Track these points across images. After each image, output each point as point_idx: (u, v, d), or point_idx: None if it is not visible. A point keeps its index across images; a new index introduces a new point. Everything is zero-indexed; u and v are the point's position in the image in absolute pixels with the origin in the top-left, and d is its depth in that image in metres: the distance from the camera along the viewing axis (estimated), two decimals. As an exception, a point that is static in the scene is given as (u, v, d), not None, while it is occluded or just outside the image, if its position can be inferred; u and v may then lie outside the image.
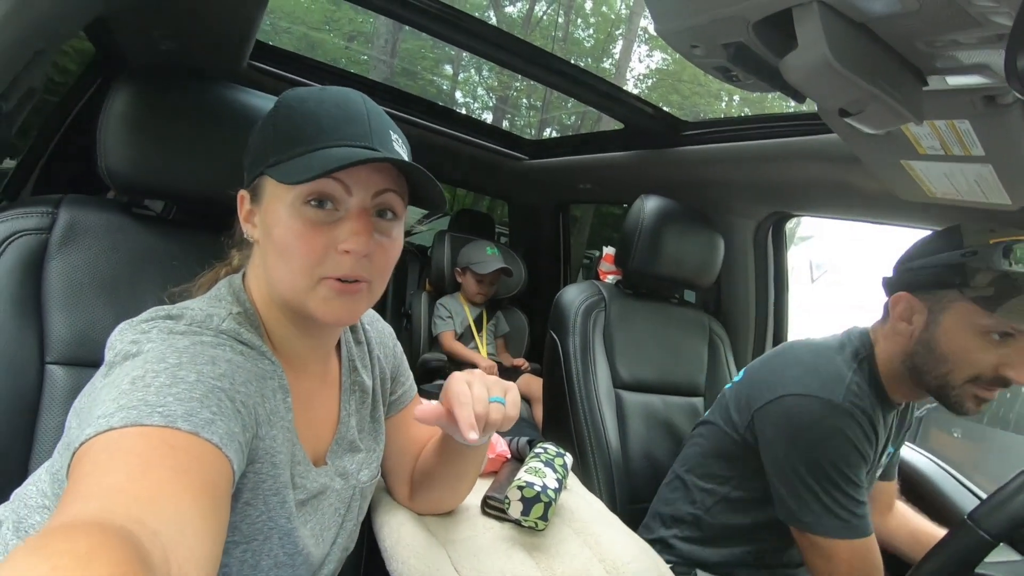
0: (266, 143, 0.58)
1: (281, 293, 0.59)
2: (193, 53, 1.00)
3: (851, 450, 0.87)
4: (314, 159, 0.54)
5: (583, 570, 0.76)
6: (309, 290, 0.57)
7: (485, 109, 10.04)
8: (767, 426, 0.95)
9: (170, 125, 0.82)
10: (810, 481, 0.88)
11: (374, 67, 8.25)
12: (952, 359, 0.86)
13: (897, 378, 0.94)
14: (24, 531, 0.54)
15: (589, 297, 1.32)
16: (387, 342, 0.81)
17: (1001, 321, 0.81)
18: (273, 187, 0.58)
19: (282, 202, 0.56)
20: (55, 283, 0.76)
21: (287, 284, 0.57)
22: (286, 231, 0.56)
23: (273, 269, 0.58)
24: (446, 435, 0.73)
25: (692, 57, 0.68)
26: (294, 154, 0.55)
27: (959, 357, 0.86)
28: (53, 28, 0.72)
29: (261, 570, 0.56)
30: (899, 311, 0.91)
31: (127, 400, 0.44)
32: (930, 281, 0.87)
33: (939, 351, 0.87)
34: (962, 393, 0.87)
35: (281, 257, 0.57)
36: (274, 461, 0.55)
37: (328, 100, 0.58)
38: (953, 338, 0.86)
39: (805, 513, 0.89)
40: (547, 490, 0.82)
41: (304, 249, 0.55)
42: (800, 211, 1.53)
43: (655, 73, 10.25)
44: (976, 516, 0.70)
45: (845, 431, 0.87)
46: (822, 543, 0.88)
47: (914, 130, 0.75)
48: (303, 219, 0.56)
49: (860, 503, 0.88)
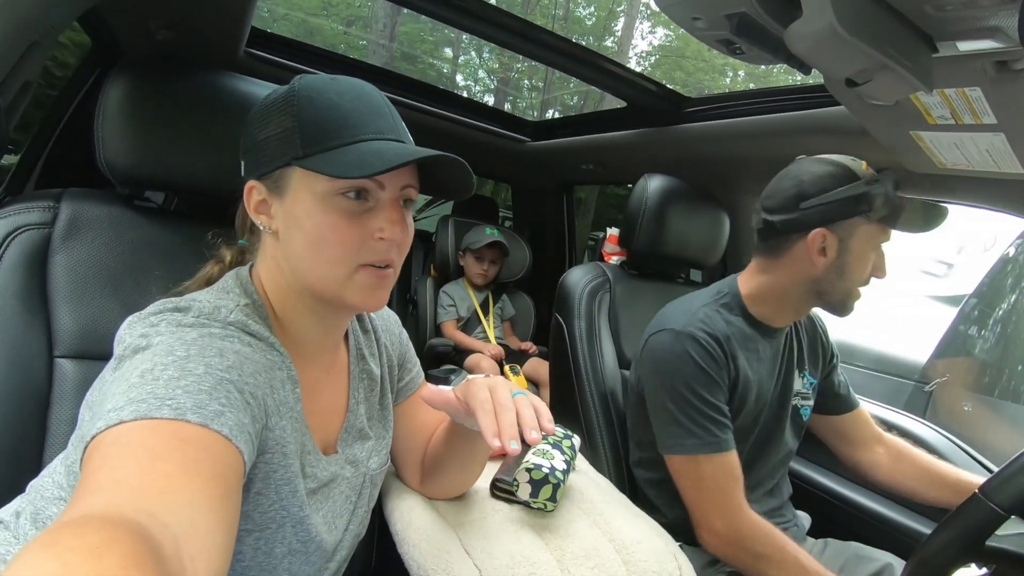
0: (288, 133, 0.57)
1: (311, 283, 0.59)
2: (189, 42, 0.99)
3: (699, 371, 0.97)
4: (360, 153, 0.55)
5: (592, 550, 0.77)
6: (347, 279, 0.58)
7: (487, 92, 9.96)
8: (641, 370, 1.06)
9: (168, 116, 0.81)
10: (671, 406, 0.97)
11: (373, 52, 8.18)
12: (856, 276, 0.98)
13: (778, 306, 1.04)
14: (42, 522, 0.55)
15: (594, 279, 1.31)
16: (393, 329, 0.82)
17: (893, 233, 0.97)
18: (302, 179, 0.57)
19: (312, 193, 0.56)
20: (60, 277, 0.76)
21: (319, 274, 0.58)
22: (320, 223, 0.56)
23: (301, 259, 0.58)
24: (455, 421, 0.73)
25: (694, 30, 0.66)
26: (328, 146, 0.55)
27: (860, 272, 0.98)
28: (46, 19, 0.71)
29: (275, 557, 0.56)
30: (817, 246, 0.97)
31: (136, 393, 0.44)
32: (841, 213, 0.95)
33: (848, 271, 0.97)
34: (854, 300, 0.99)
35: (314, 248, 0.57)
36: (284, 451, 0.55)
37: (347, 92, 0.59)
38: (859, 257, 0.97)
39: (668, 436, 0.98)
40: (555, 471, 0.83)
41: (340, 239, 0.56)
42: (807, 186, 1.51)
43: (658, 50, 10.11)
44: (987, 489, 0.70)
45: (691, 353, 0.97)
46: (687, 464, 0.96)
47: (924, 99, 0.73)
48: (338, 210, 0.56)
49: (718, 422, 0.96)
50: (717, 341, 0.98)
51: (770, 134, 1.29)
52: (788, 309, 1.04)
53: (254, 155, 0.60)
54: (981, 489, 0.70)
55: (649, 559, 0.78)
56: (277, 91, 0.60)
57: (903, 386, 3.00)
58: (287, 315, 0.62)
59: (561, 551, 0.76)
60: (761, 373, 1.04)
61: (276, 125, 0.58)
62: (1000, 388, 3.11)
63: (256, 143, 0.60)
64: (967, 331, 3.09)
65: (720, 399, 0.97)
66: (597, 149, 1.89)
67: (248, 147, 0.61)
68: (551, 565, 0.73)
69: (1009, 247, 3.13)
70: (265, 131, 0.59)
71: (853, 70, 0.58)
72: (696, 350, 0.97)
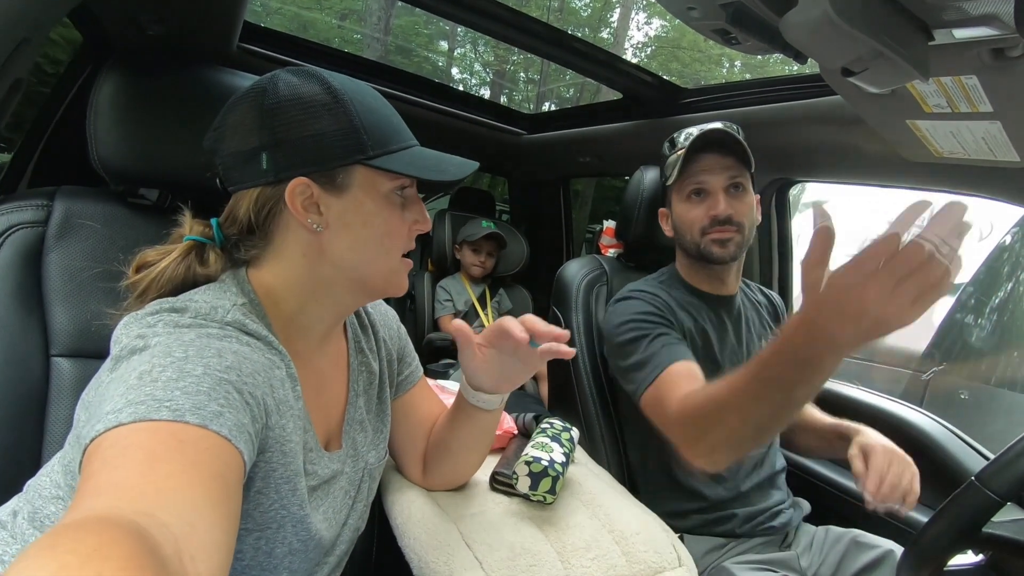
0: (348, 133, 0.58)
1: (365, 275, 0.63)
2: (181, 37, 0.98)
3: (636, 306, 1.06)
4: (421, 157, 0.62)
5: (592, 541, 0.77)
6: (397, 268, 0.65)
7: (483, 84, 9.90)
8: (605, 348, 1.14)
9: (161, 112, 0.81)
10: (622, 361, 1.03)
11: (368, 46, 8.12)
12: (683, 227, 1.10)
13: (696, 272, 1.14)
14: (40, 522, 0.55)
15: (591, 272, 1.31)
16: (391, 324, 0.82)
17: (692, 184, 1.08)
18: (367, 177, 0.60)
19: (376, 192, 0.61)
20: (55, 276, 0.76)
21: (377, 266, 0.63)
22: (388, 219, 0.62)
23: (360, 253, 0.62)
24: (460, 402, 0.77)
25: (690, 20, 0.66)
26: (390, 149, 0.60)
27: (686, 224, 1.09)
28: (35, 15, 0.70)
29: (275, 557, 0.57)
30: None
31: (135, 395, 0.44)
32: None
33: (682, 228, 1.10)
34: (706, 244, 1.07)
35: (378, 242, 0.62)
36: (284, 450, 0.55)
37: (376, 96, 0.63)
38: (679, 214, 1.11)
39: (631, 382, 1.00)
40: (554, 464, 0.83)
41: (398, 232, 0.63)
42: (804, 177, 1.51)
43: (654, 41, 10.06)
44: (983, 476, 0.70)
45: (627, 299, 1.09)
46: (651, 394, 0.96)
47: (920, 88, 0.73)
48: (394, 207, 0.62)
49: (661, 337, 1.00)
50: (653, 295, 1.08)
51: (766, 124, 1.28)
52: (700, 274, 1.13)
53: (291, 151, 0.57)
54: (978, 476, 0.71)
55: (648, 549, 0.79)
56: (296, 84, 0.58)
57: (900, 375, 3.01)
58: (298, 310, 0.63)
59: (561, 543, 0.76)
60: (720, 338, 1.10)
61: (328, 123, 0.57)
62: (996, 376, 3.13)
63: (294, 139, 0.57)
64: (964, 320, 3.10)
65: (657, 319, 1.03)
66: (593, 141, 1.89)
67: (275, 141, 0.57)
68: (551, 557, 0.73)
69: (1005, 235, 3.14)
70: (310, 127, 0.57)
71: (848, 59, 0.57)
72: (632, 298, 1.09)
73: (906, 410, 1.31)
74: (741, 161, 1.06)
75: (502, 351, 0.72)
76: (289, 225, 0.60)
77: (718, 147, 1.06)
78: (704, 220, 1.06)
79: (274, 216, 0.60)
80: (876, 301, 0.55)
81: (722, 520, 1.04)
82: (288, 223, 0.60)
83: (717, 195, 1.06)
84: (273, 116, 0.58)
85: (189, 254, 0.63)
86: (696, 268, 1.14)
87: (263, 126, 0.58)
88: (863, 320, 0.57)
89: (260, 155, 0.58)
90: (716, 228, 1.05)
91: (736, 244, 1.06)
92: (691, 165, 1.07)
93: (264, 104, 0.58)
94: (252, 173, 0.59)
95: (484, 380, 0.75)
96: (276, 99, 0.58)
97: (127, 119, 0.79)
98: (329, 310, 0.65)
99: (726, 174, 1.06)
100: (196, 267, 0.62)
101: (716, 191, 1.06)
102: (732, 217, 1.05)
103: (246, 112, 0.59)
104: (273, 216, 0.60)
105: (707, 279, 1.14)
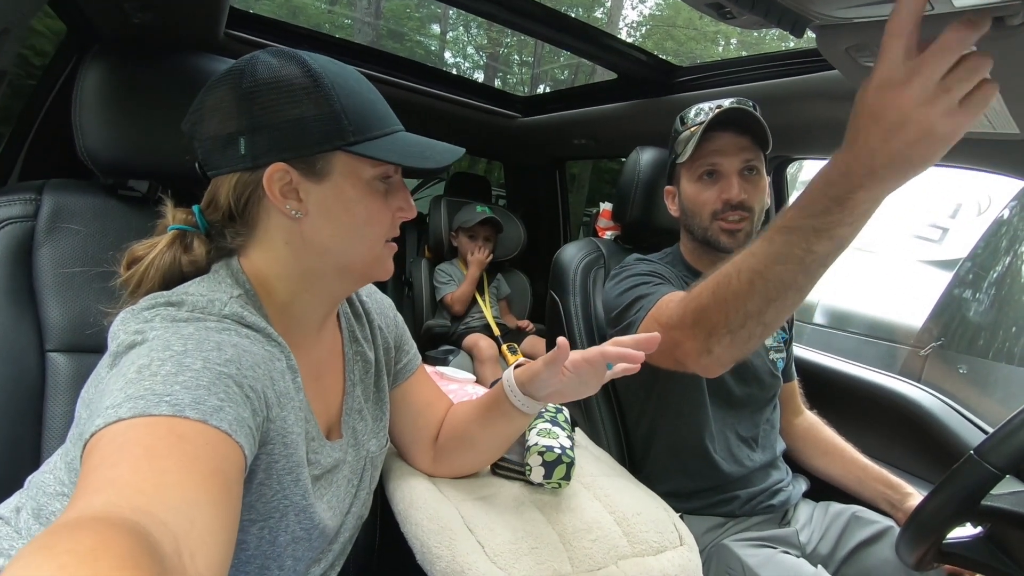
0: (329, 118, 0.56)
1: (347, 262, 0.62)
2: (166, 24, 0.96)
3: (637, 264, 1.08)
4: (403, 143, 0.61)
5: (594, 523, 0.78)
6: (380, 255, 0.64)
7: (476, 68, 9.79)
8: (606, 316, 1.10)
9: (147, 102, 0.79)
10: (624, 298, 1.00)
11: (359, 30, 8.01)
12: (692, 209, 1.07)
13: (701, 256, 1.11)
14: (45, 517, 0.55)
15: (588, 255, 1.31)
16: (387, 313, 0.81)
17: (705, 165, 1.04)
18: (348, 164, 0.58)
19: (357, 179, 0.59)
20: (46, 270, 0.75)
21: (359, 253, 0.62)
22: (369, 206, 0.60)
23: (342, 240, 0.61)
24: (498, 401, 0.76)
25: (683, -5, 0.65)
26: (372, 135, 0.59)
27: (696, 206, 1.06)
28: (15, 5, 0.69)
29: (279, 546, 0.57)
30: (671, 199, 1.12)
31: (134, 390, 0.43)
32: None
33: (691, 210, 1.07)
34: (714, 231, 1.04)
35: (358, 230, 0.61)
36: (286, 441, 0.55)
37: (355, 77, 0.61)
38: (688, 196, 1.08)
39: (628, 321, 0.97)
40: (566, 451, 0.83)
41: (380, 219, 0.62)
42: (801, 154, 1.50)
43: (649, 19, 9.93)
44: (982, 450, 0.71)
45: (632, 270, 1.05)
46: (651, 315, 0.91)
47: (918, 60, 0.72)
48: (377, 194, 0.61)
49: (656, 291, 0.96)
50: (653, 265, 1.07)
51: (762, 101, 1.27)
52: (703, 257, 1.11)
53: (269, 136, 0.56)
54: (976, 450, 0.71)
55: (650, 529, 0.79)
56: (276, 66, 0.57)
57: (898, 351, 3.03)
58: (290, 299, 0.62)
59: (562, 525, 0.76)
60: None
61: (308, 107, 0.56)
62: (994, 350, 3.15)
63: (273, 124, 0.56)
64: (962, 295, 3.11)
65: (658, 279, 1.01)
66: (588, 123, 1.87)
67: (253, 125, 0.56)
68: (553, 539, 0.74)
69: (1004, 209, 3.13)
70: (289, 112, 0.56)
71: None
72: (630, 267, 1.07)
73: (904, 385, 1.32)
74: (757, 142, 1.02)
75: (579, 374, 0.70)
76: (270, 212, 0.59)
77: (733, 126, 1.02)
78: (716, 204, 1.02)
79: (255, 202, 0.59)
80: (918, 102, 0.49)
81: (723, 502, 1.04)
82: (269, 210, 0.59)
83: (731, 178, 1.02)
84: (251, 100, 0.56)
85: (174, 243, 0.62)
86: (701, 252, 1.11)
87: (241, 110, 0.56)
88: (905, 130, 0.50)
89: (238, 140, 0.57)
90: (728, 214, 1.02)
91: (746, 233, 1.03)
92: (706, 144, 1.02)
93: (242, 87, 0.56)
94: (231, 158, 0.58)
95: (542, 391, 0.73)
96: (254, 82, 0.56)
97: (113, 110, 0.77)
98: (320, 298, 0.64)
99: (741, 156, 1.02)
100: (181, 256, 0.61)
101: (730, 174, 1.02)
102: (745, 202, 1.01)
103: (224, 95, 0.57)
104: (254, 202, 0.59)
105: (712, 263, 1.09)
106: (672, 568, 0.76)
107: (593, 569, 0.72)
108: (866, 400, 1.36)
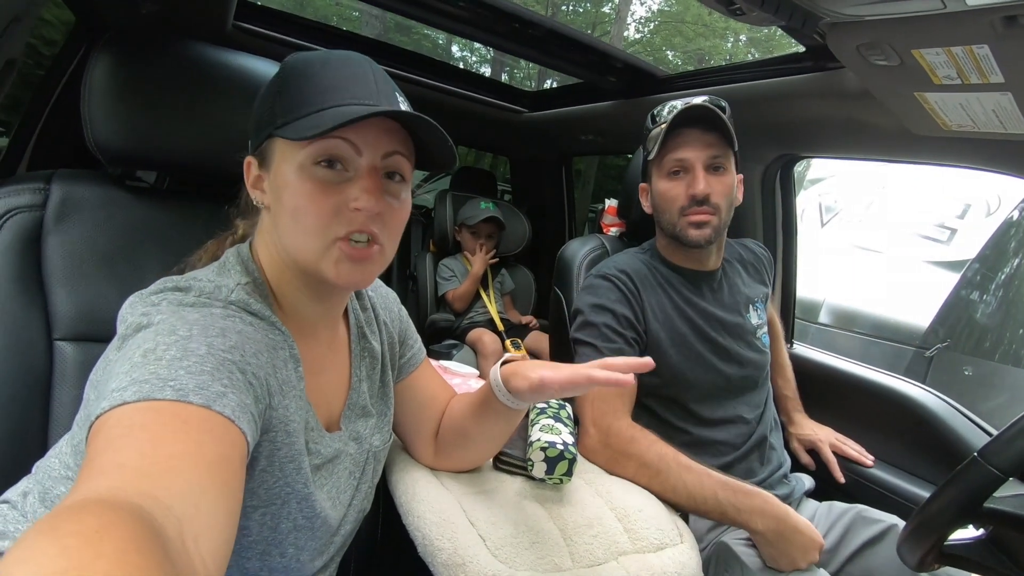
0: (273, 106, 0.58)
1: (295, 257, 0.59)
2: (175, 15, 0.97)
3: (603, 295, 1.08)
4: (323, 117, 0.54)
5: (595, 518, 0.78)
6: (323, 252, 0.57)
7: (483, 62, 9.76)
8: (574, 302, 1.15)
9: (155, 92, 0.80)
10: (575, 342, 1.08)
11: (366, 23, 7.99)
12: (662, 205, 1.09)
13: (674, 251, 1.13)
14: (51, 501, 0.55)
15: (592, 251, 1.30)
16: (392, 307, 0.81)
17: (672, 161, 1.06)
18: (282, 150, 0.58)
19: (291, 164, 0.56)
20: (54, 260, 0.76)
21: (300, 247, 0.58)
22: (297, 193, 0.56)
23: (285, 233, 0.58)
24: (488, 396, 0.74)
25: (693, -9, 0.64)
26: (301, 114, 0.55)
27: (665, 202, 1.08)
28: (24, -7, 0.69)
29: (281, 532, 0.57)
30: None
31: (139, 373, 0.44)
32: None
33: (661, 206, 1.10)
34: (682, 226, 1.06)
35: (293, 220, 0.57)
36: (288, 429, 0.55)
37: (333, 62, 0.58)
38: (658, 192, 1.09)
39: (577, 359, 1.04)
40: (568, 447, 0.83)
41: (315, 209, 0.55)
42: (809, 153, 1.49)
43: (657, 15, 9.87)
44: (986, 452, 0.70)
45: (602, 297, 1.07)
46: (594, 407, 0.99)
47: (930, 59, 0.72)
48: (313, 180, 0.56)
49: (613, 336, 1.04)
50: (627, 279, 1.08)
51: (770, 99, 1.26)
52: (676, 252, 1.13)
53: (252, 131, 0.62)
54: (980, 452, 0.71)
55: (650, 526, 0.79)
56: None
57: (903, 352, 3.01)
58: (283, 291, 0.62)
59: (563, 520, 0.77)
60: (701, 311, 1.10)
61: (265, 99, 0.60)
62: (1001, 352, 3.12)
63: (253, 119, 0.62)
64: (969, 296, 3.08)
65: (613, 321, 1.04)
66: (595, 119, 1.86)
67: (250, 124, 0.63)
68: (554, 534, 0.74)
69: (1013, 210, 3.10)
70: (258, 107, 0.61)
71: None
72: (608, 281, 1.09)
73: (909, 386, 1.31)
74: (724, 139, 1.03)
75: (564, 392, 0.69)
76: None
77: (700, 123, 1.03)
78: (683, 200, 1.05)
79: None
80: None
81: None
82: None
83: (696, 172, 1.03)
84: (255, 104, 0.63)
85: None
86: (674, 247, 1.13)
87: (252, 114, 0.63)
88: None
89: (248, 139, 0.63)
90: (693, 209, 1.04)
91: (713, 227, 1.05)
92: (672, 140, 1.05)
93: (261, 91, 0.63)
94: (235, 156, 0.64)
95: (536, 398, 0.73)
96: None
97: (121, 100, 0.78)
98: (302, 291, 0.62)
99: (707, 152, 1.03)
100: None
101: (695, 168, 1.04)
102: (710, 197, 1.03)
103: None
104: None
105: (686, 258, 1.13)
106: (672, 565, 0.76)
107: (593, 564, 0.73)
108: (869, 400, 1.35)
